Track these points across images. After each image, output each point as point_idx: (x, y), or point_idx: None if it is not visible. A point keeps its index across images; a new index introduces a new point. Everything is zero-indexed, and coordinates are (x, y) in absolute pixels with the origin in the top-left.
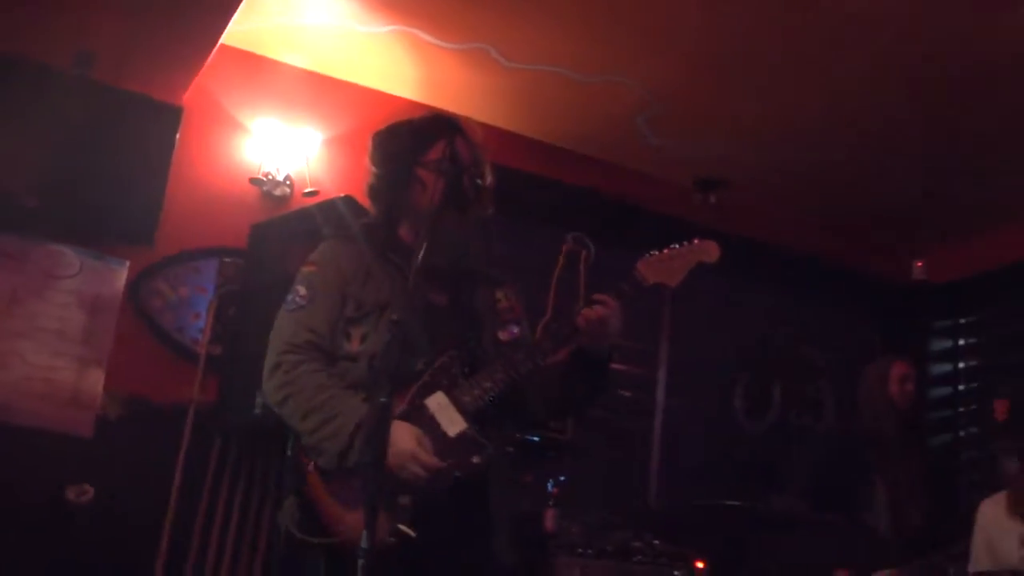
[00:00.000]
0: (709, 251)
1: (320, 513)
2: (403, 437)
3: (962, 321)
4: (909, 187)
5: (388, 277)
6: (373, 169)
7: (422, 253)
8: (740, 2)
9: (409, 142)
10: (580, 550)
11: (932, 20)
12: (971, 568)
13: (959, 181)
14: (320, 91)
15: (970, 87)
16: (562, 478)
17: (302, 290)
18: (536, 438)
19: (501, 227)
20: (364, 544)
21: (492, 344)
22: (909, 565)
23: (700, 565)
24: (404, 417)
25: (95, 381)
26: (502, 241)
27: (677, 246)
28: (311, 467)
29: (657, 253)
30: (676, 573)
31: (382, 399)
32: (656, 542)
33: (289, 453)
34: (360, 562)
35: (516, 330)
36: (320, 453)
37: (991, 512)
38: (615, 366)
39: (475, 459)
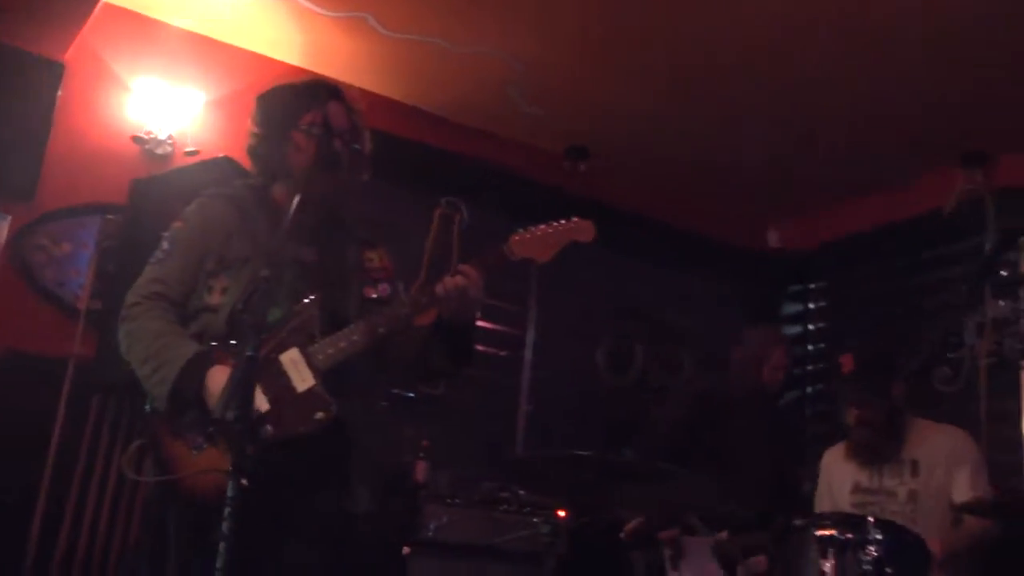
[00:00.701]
0: (585, 230)
1: (163, 452)
2: (217, 381)
3: (812, 286)
4: (765, 161)
5: (256, 233)
6: (253, 130)
7: (292, 209)
8: None
9: (287, 105)
10: (448, 500)
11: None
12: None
13: (813, 157)
14: (204, 53)
15: (827, 65)
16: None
17: (165, 244)
18: (412, 394)
19: (378, 191)
20: (229, 492)
21: (358, 301)
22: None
23: (561, 514)
24: None
25: None
26: (379, 204)
27: (555, 223)
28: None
29: (532, 228)
30: (536, 520)
31: (248, 352)
32: (522, 492)
33: (147, 406)
34: (226, 510)
35: (386, 288)
36: (154, 397)
37: (831, 460)
38: (486, 325)
39: (319, 415)
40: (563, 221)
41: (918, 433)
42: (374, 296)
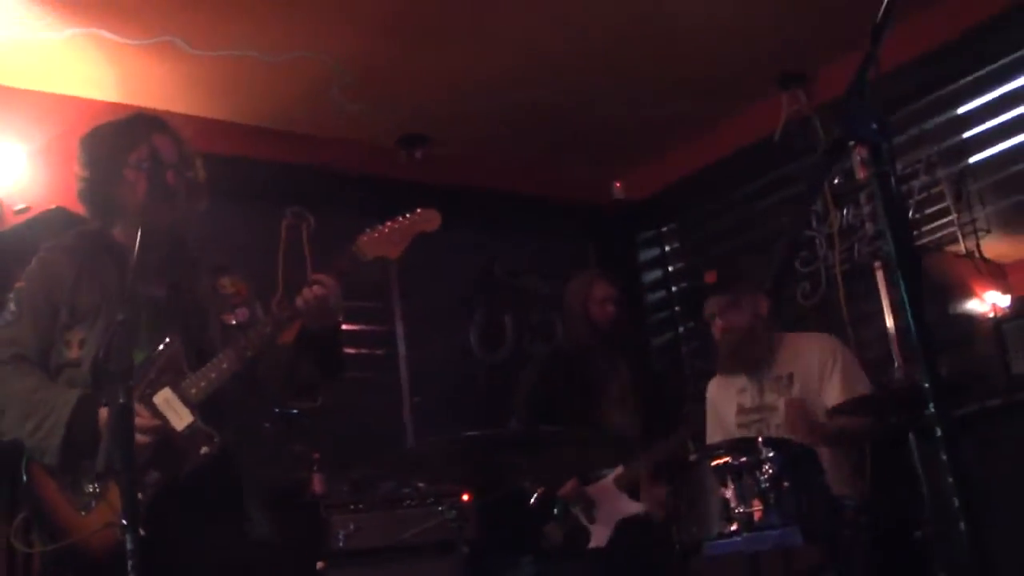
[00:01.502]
0: (430, 219)
1: (50, 519)
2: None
3: (664, 229)
4: (597, 118)
5: (103, 279)
6: (82, 174)
7: (136, 247)
8: None
9: (112, 144)
10: (352, 506)
11: None
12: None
13: (639, 108)
14: (15, 104)
15: (643, 15)
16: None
17: (12, 307)
18: (295, 411)
19: (221, 213)
20: (129, 545)
21: (219, 330)
22: (636, 459)
23: (466, 498)
24: None
25: None
26: (225, 226)
27: (399, 218)
28: (39, 473)
29: (379, 227)
30: (441, 508)
31: (121, 400)
32: (421, 485)
33: (24, 476)
34: (129, 563)
35: (244, 312)
36: (43, 452)
37: (714, 390)
38: (353, 327)
39: (204, 450)
40: (407, 215)
41: (789, 347)
42: (233, 322)
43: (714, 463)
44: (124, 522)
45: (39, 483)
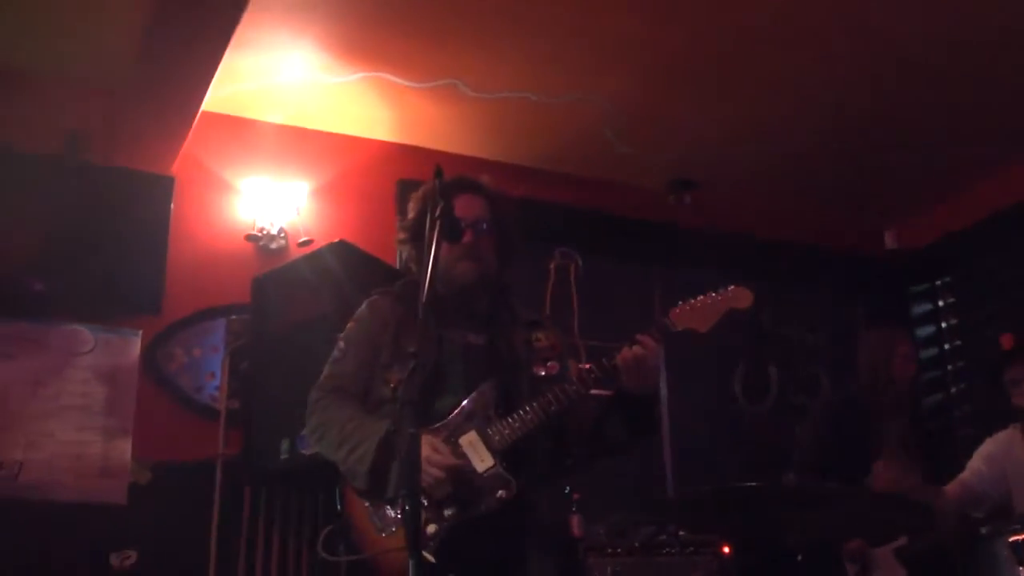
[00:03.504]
0: (743, 297)
1: (354, 536)
2: (423, 443)
3: (938, 283)
4: (869, 164)
5: (423, 327)
6: (400, 232)
7: (426, 294)
8: (685, 10)
9: (422, 201)
10: (609, 550)
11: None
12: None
13: (913, 153)
14: (302, 144)
15: (913, 59)
16: (567, 489)
17: (341, 344)
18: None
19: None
20: (411, 573)
21: (529, 381)
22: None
23: (726, 550)
24: None
25: (123, 450)
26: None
27: (712, 293)
28: (351, 495)
29: (691, 300)
30: (698, 559)
31: (411, 430)
32: (681, 533)
33: (338, 498)
34: None
35: (555, 366)
36: (354, 477)
37: (1005, 447)
38: None
39: (500, 494)
40: (720, 290)
41: None
42: (543, 374)
43: (1012, 539)
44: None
45: (350, 502)
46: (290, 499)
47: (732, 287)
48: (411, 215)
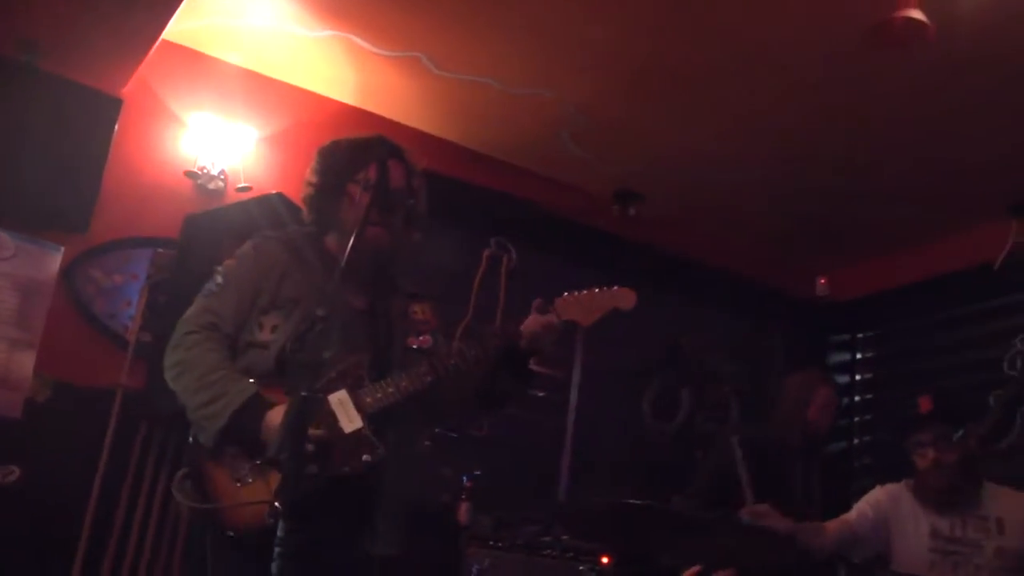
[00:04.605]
0: (626, 298)
1: (207, 484)
2: (274, 423)
3: (860, 336)
4: (817, 210)
5: (309, 276)
6: (311, 179)
7: (347, 251)
8: (659, 27)
9: (346, 158)
10: (491, 542)
11: (831, 51)
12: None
13: (862, 207)
14: (257, 90)
15: (873, 117)
16: (476, 473)
17: (219, 279)
18: (455, 434)
19: (427, 229)
20: (279, 532)
21: (402, 351)
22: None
23: (605, 560)
24: None
25: (25, 364)
26: (427, 242)
27: (598, 289)
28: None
29: (576, 293)
30: (581, 568)
31: (303, 392)
32: (565, 537)
33: (190, 438)
34: (277, 550)
35: (428, 339)
36: (201, 430)
37: (894, 498)
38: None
39: (365, 457)
40: (606, 288)
41: (993, 492)
42: (415, 346)
43: None
44: (276, 505)
45: (203, 448)
46: (184, 441)
47: (617, 287)
48: (327, 165)
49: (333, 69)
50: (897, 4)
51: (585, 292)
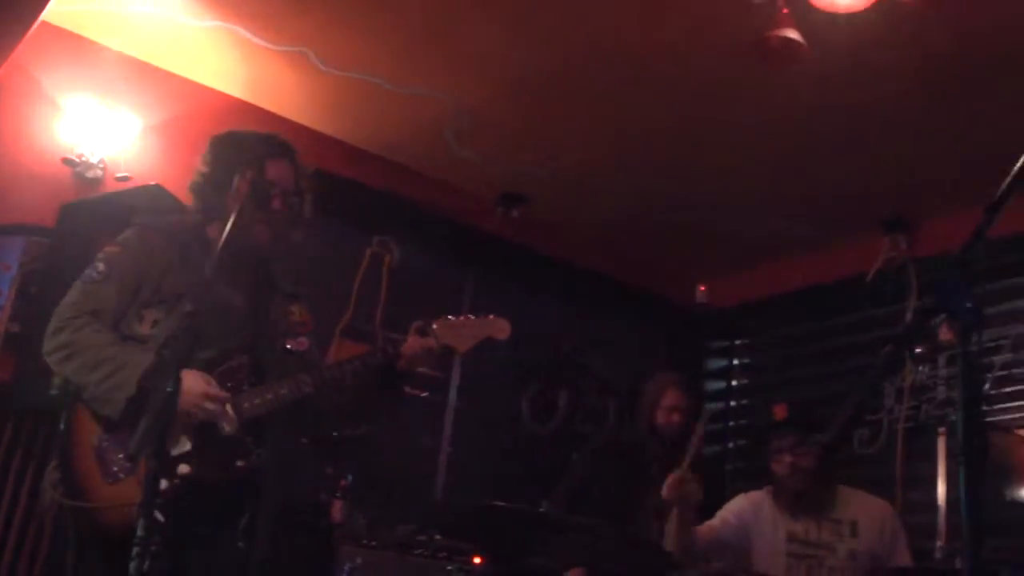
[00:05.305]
0: (501, 328)
1: (77, 479)
2: (195, 381)
3: (737, 342)
4: (696, 218)
5: (189, 270)
6: (201, 168)
7: (219, 251)
8: (545, 32)
9: (238, 151)
10: (364, 541)
11: (710, 63)
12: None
13: (740, 217)
14: (141, 78)
15: (751, 130)
16: (349, 476)
17: (100, 266)
18: (335, 432)
19: (310, 225)
20: (140, 532)
21: (280, 352)
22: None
23: (477, 561)
24: None
25: None
26: (309, 239)
27: (473, 317)
28: (79, 428)
29: (452, 319)
30: (449, 568)
31: (168, 388)
32: (438, 537)
33: (62, 425)
34: (135, 549)
35: (304, 342)
36: (107, 402)
37: (754, 505)
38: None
39: (240, 463)
40: (481, 316)
41: (845, 496)
42: (291, 347)
43: None
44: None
45: (75, 439)
46: (54, 436)
47: (492, 316)
48: (218, 155)
49: (219, 61)
50: (774, 22)
51: (463, 318)
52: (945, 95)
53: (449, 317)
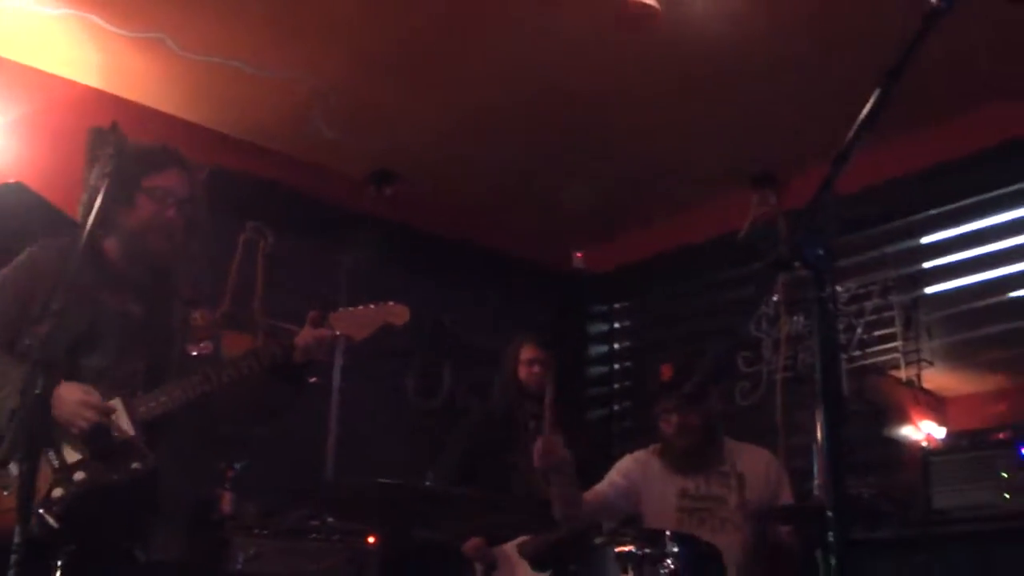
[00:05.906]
0: (399, 314)
1: None
2: (70, 391)
3: (616, 306)
4: (568, 185)
5: (82, 285)
6: (91, 181)
7: (114, 262)
8: (403, 4)
9: (133, 164)
10: (256, 530)
11: (572, 32)
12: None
13: (614, 182)
14: None
15: (613, 94)
16: (236, 466)
17: None
18: (236, 429)
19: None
20: (16, 539)
21: (180, 358)
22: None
23: (371, 540)
24: None
25: None
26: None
27: (372, 305)
28: None
29: (350, 309)
30: (341, 547)
31: (35, 391)
32: (331, 520)
33: None
34: (13, 557)
35: (208, 346)
36: None
37: (642, 465)
38: None
39: (135, 465)
40: (379, 303)
41: (735, 450)
42: (195, 353)
43: (618, 549)
44: (42, 512)
45: None
46: None
47: (391, 303)
48: (103, 176)
49: (73, 50)
50: None
51: (360, 308)
52: (803, 50)
53: (346, 308)
